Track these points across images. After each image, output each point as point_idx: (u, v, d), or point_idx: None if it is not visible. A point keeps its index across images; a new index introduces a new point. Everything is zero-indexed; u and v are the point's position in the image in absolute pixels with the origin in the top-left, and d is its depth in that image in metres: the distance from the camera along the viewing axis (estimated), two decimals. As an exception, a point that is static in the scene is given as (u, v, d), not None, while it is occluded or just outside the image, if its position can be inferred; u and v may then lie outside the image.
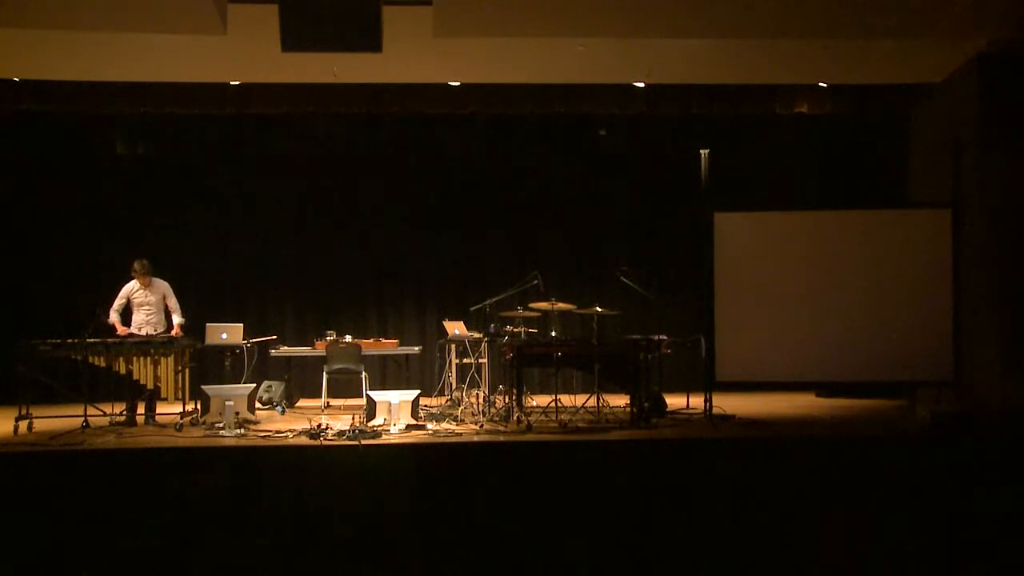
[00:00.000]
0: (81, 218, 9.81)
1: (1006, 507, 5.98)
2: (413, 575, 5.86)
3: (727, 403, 7.88)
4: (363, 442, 6.29)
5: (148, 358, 7.38)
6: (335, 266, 10.17)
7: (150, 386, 7.41)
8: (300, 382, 9.57)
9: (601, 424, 7.22)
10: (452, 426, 7.15)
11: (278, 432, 6.84)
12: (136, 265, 7.84)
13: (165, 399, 7.54)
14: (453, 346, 8.99)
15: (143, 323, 7.90)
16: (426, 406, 7.98)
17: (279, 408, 8.47)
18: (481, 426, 7.11)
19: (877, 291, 8.11)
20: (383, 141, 10.19)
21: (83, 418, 7.24)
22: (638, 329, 8.02)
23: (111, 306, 7.85)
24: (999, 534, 5.93)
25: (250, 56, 7.92)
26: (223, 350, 8.36)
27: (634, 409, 7.30)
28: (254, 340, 8.64)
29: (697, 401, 7.97)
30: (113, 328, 7.78)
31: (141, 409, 7.57)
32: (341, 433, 6.53)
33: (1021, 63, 7.70)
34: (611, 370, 7.38)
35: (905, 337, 8.05)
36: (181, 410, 7.54)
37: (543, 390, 8.87)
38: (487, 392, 8.14)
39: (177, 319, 7.96)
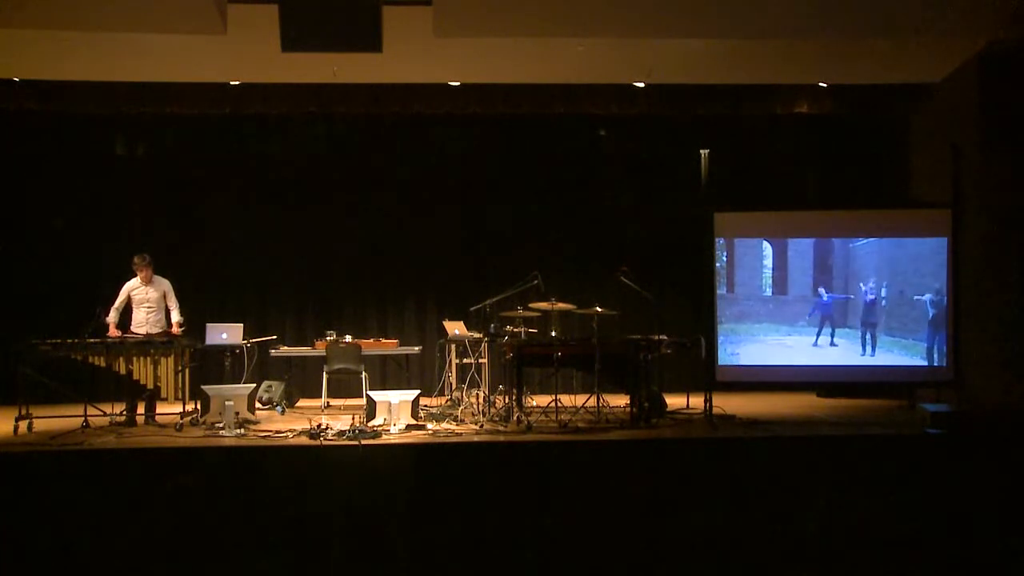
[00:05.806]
0: (81, 218, 9.79)
1: (1006, 507, 5.98)
2: (413, 575, 5.86)
3: (727, 403, 7.87)
4: (363, 442, 6.29)
5: (148, 358, 7.38)
6: (335, 266, 10.16)
7: (150, 386, 7.41)
8: (300, 382, 9.55)
9: (601, 424, 7.21)
10: (452, 426, 7.15)
11: (278, 432, 6.84)
12: (136, 259, 7.85)
13: (165, 399, 7.54)
14: (453, 346, 8.99)
15: (143, 321, 7.90)
16: (426, 406, 7.97)
17: (279, 408, 8.46)
18: (481, 426, 7.11)
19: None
20: (383, 141, 10.17)
21: (83, 418, 7.25)
22: (638, 329, 8.00)
23: (112, 304, 7.85)
24: (999, 534, 5.94)
25: (250, 56, 7.92)
26: (223, 350, 8.35)
27: (634, 409, 7.30)
28: (254, 340, 8.65)
29: (697, 401, 7.96)
30: (108, 328, 7.78)
31: (141, 409, 7.56)
32: (341, 433, 6.53)
33: (1021, 63, 7.70)
34: (611, 370, 7.37)
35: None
36: (181, 410, 7.53)
37: (543, 390, 8.85)
38: (487, 392, 8.13)
39: (176, 317, 7.96)
